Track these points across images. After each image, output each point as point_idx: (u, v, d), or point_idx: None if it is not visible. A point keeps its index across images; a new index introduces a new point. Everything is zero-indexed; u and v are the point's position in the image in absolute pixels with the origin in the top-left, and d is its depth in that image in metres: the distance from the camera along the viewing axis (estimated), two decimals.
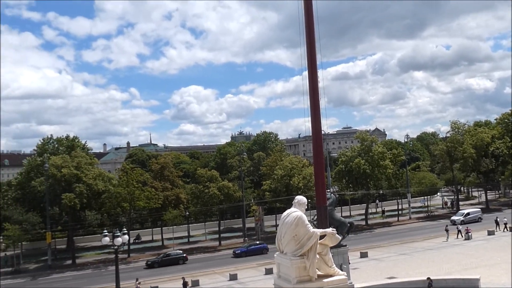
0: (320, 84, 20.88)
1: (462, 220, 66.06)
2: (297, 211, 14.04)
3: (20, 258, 57.58)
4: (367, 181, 72.65)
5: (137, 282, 38.66)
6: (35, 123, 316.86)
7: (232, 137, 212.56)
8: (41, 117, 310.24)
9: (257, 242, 59.50)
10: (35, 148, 73.00)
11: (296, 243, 13.70)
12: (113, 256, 46.99)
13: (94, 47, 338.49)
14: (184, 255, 55.87)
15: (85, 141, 76.30)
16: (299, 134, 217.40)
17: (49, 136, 73.66)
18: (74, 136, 74.26)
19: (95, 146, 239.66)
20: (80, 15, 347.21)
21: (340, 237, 15.26)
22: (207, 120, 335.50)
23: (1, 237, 60.38)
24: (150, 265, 53.56)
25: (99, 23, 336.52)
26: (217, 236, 69.10)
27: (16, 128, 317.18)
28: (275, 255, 15.24)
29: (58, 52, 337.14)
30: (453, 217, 69.43)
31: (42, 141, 72.28)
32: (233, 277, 42.43)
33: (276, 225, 71.63)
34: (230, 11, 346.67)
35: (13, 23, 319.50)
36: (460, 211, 73.16)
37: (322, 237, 14.21)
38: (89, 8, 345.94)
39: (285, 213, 14.31)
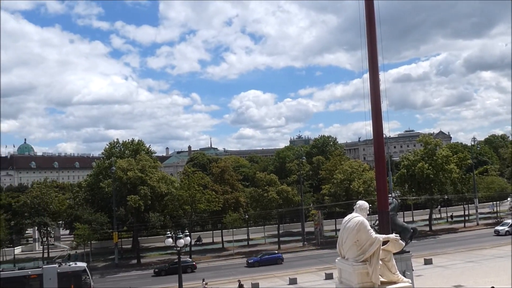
0: (382, 87, 20.60)
1: (507, 231, 62.06)
2: (358, 216, 13.92)
3: (89, 256, 60.29)
4: (430, 185, 70.34)
5: (204, 282, 39.49)
6: (103, 127, 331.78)
7: (290, 141, 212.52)
8: (108, 122, 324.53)
9: (275, 252, 58.28)
10: (103, 151, 76.38)
11: (358, 249, 13.59)
12: (175, 257, 48.36)
13: (158, 54, 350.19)
14: (193, 263, 54.84)
15: (149, 145, 79.06)
16: (359, 138, 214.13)
17: (116, 140, 76.94)
18: (139, 140, 77.08)
19: (158, 150, 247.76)
20: (146, 23, 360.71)
21: (403, 243, 14.99)
22: (266, 124, 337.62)
23: (72, 235, 63.69)
24: (157, 273, 53.20)
25: (163, 31, 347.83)
26: (276, 239, 69.25)
27: (85, 132, 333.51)
28: (336, 260, 15.17)
29: (125, 59, 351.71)
30: (497, 227, 65.13)
31: (109, 144, 75.57)
32: (293, 281, 42.43)
33: (336, 230, 70.84)
34: (289, 16, 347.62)
35: (84, 32, 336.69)
36: (506, 221, 68.19)
37: (385, 243, 14.01)
38: (153, 16, 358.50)
39: (346, 218, 14.23)
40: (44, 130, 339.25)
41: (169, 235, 30.86)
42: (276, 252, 58.12)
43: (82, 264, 42.51)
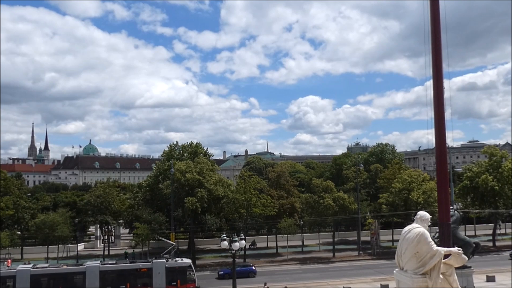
0: (446, 95, 19.95)
1: None
2: (419, 227, 13.54)
3: (147, 256, 61.98)
4: (495, 199, 67.16)
5: (265, 286, 39.68)
6: (163, 130, 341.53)
7: (348, 148, 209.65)
8: (168, 125, 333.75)
9: (249, 264, 56.37)
10: (163, 153, 78.46)
11: (418, 261, 13.21)
12: (229, 259, 48.85)
13: (218, 59, 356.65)
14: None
15: (207, 148, 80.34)
16: (419, 147, 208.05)
17: (175, 143, 78.81)
18: (197, 143, 78.53)
19: (215, 153, 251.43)
20: (207, 29, 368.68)
21: (466, 258, 14.42)
22: (323, 130, 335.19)
23: (132, 234, 65.82)
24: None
25: (224, 36, 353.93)
26: (331, 247, 68.40)
27: (147, 135, 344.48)
28: (394, 271, 14.82)
29: (186, 64, 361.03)
30: None
31: (169, 147, 77.51)
32: None
33: (393, 240, 69.11)
34: (350, 22, 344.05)
35: (149, 38, 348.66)
36: None
37: (446, 256, 13.54)
38: (215, 22, 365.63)
39: (406, 229, 13.88)
40: (108, 132, 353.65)
41: (225, 238, 31.21)
42: (251, 264, 56.32)
43: (187, 261, 44.63)
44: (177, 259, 44.88)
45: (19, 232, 68.99)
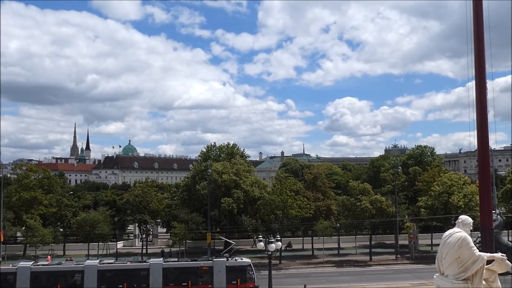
0: (488, 96, 19.42)
1: None
2: (461, 232, 13.23)
3: (184, 255, 62.82)
4: None
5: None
6: (200, 131, 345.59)
7: (386, 150, 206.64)
8: (205, 126, 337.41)
9: None
10: (200, 154, 79.36)
11: (459, 266, 12.92)
12: (265, 261, 48.89)
13: (255, 61, 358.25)
14: None
15: (243, 149, 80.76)
16: (460, 149, 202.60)
17: (212, 144, 79.61)
18: (233, 144, 79.10)
19: (252, 154, 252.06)
20: (244, 31, 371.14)
21: (510, 264, 14.00)
22: (360, 132, 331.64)
23: (169, 234, 66.82)
24: None
25: (261, 38, 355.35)
26: (367, 250, 67.52)
27: (184, 135, 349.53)
28: (434, 276, 14.53)
29: (224, 66, 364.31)
30: None
31: (206, 148, 78.35)
32: None
33: (432, 245, 67.62)
34: (389, 22, 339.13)
35: (187, 40, 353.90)
36: None
37: (489, 262, 13.19)
38: (252, 24, 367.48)
39: (447, 233, 13.58)
40: (146, 133, 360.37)
41: (261, 239, 31.31)
42: None
43: (247, 260, 45.07)
44: (236, 258, 45.23)
45: (61, 229, 71.23)
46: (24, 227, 64.17)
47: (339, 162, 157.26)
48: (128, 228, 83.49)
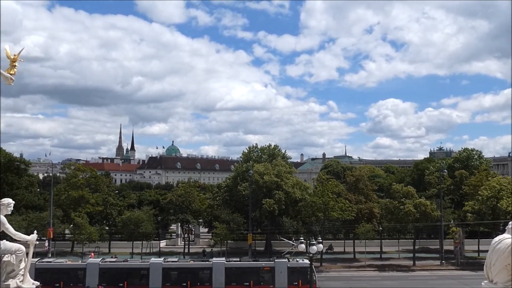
0: None
1: None
2: (510, 238, 12.84)
3: (225, 255, 63.39)
4: None
5: None
6: (242, 132, 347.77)
7: (430, 153, 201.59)
8: (247, 127, 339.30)
9: None
10: (242, 155, 79.89)
11: (509, 273, 12.54)
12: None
13: (297, 62, 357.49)
14: None
15: (285, 151, 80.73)
16: (509, 153, 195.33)
17: (254, 145, 79.98)
18: (275, 145, 79.16)
19: (293, 156, 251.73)
20: (287, 32, 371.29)
21: None
22: (404, 134, 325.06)
23: (211, 234, 67.62)
24: None
25: (303, 39, 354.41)
26: (411, 255, 66.07)
27: (226, 137, 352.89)
28: (482, 283, 14.13)
29: (265, 68, 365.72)
30: None
31: (247, 149, 78.81)
32: None
33: (479, 251, 65.49)
34: (434, 22, 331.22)
35: (230, 42, 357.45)
36: None
37: None
38: (294, 25, 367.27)
39: (496, 239, 13.19)
40: (189, 134, 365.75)
41: (302, 240, 31.25)
42: None
43: (308, 261, 45.24)
44: (297, 259, 45.29)
45: (107, 227, 73.17)
46: (72, 225, 66.37)
47: (381, 165, 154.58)
48: (171, 227, 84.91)
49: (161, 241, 74.29)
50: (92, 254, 59.23)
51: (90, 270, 42.84)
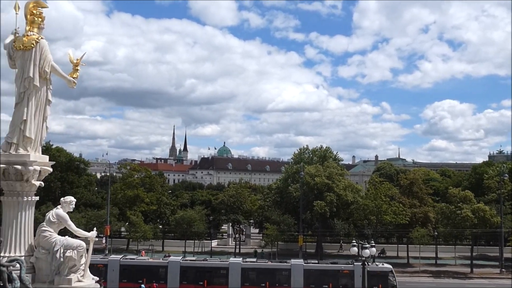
0: None
1: None
2: None
3: (276, 256, 63.47)
4: None
5: None
6: (293, 133, 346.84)
7: (489, 156, 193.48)
8: (298, 129, 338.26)
9: None
10: (292, 156, 79.81)
11: None
12: None
13: (350, 63, 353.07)
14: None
15: (336, 152, 79.93)
16: None
17: (305, 146, 79.69)
18: (326, 147, 78.57)
19: (344, 157, 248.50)
20: (339, 33, 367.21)
21: None
22: (461, 136, 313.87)
23: (261, 234, 67.90)
24: None
25: (356, 40, 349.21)
26: (468, 262, 63.68)
27: (277, 138, 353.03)
28: None
29: (317, 69, 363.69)
30: None
31: (298, 150, 78.60)
32: None
33: None
34: (495, 20, 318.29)
35: (281, 44, 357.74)
36: None
37: None
38: (347, 26, 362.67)
39: None
40: (240, 135, 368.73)
41: (355, 243, 30.78)
42: None
43: (388, 266, 45.34)
44: (377, 263, 44.95)
45: (160, 226, 74.96)
46: (127, 223, 68.51)
47: (437, 168, 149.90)
48: (222, 227, 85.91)
49: (212, 241, 75.28)
50: (143, 252, 60.76)
51: (171, 268, 43.96)
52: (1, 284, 8.83)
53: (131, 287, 43.36)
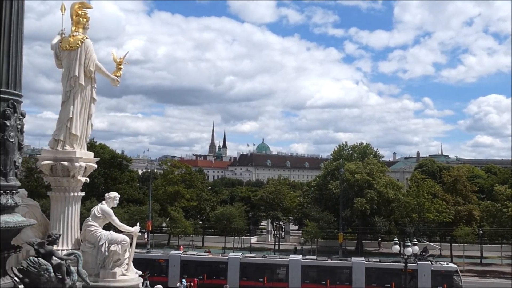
0: None
1: None
2: None
3: (315, 253, 63.14)
4: None
5: None
6: (332, 130, 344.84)
7: None
8: (337, 125, 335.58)
9: None
10: (332, 153, 79.09)
11: None
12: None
13: (390, 58, 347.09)
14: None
15: (376, 149, 78.68)
16: None
17: (344, 143, 78.83)
18: (367, 144, 77.49)
19: (385, 154, 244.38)
20: (379, 28, 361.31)
21: None
22: (507, 132, 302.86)
23: (301, 231, 67.73)
24: None
25: (396, 34, 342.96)
26: None
27: (316, 134, 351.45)
28: None
29: (357, 65, 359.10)
30: None
31: (338, 147, 77.82)
32: None
33: None
34: None
35: (320, 40, 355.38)
36: None
37: None
38: (388, 21, 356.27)
39: None
40: (279, 132, 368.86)
41: (396, 242, 30.30)
42: None
43: (453, 265, 44.60)
44: (441, 262, 44.27)
45: (200, 222, 75.87)
46: (168, 218, 69.64)
47: (482, 165, 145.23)
48: (261, 224, 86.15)
49: (252, 237, 75.62)
50: (182, 247, 61.62)
51: (232, 265, 44.16)
52: (60, 276, 9.15)
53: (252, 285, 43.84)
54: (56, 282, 9.13)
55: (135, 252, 14.66)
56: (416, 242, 30.84)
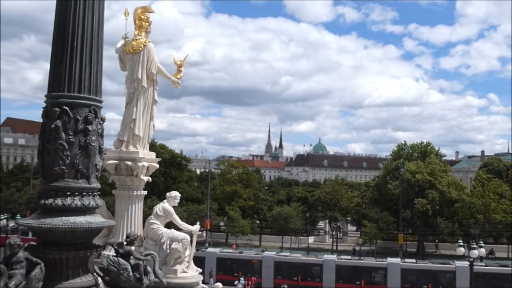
0: None
1: None
2: None
3: (374, 254, 61.91)
4: None
5: None
6: (391, 129, 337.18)
7: None
8: (396, 124, 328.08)
9: None
10: (391, 153, 77.33)
11: None
12: None
13: (452, 54, 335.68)
14: None
15: (438, 148, 76.21)
16: None
17: (404, 142, 76.85)
18: (427, 143, 75.17)
19: (447, 153, 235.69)
20: (440, 23, 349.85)
21: None
22: None
23: (359, 232, 66.62)
24: None
25: (459, 29, 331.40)
26: None
27: (374, 134, 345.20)
28: None
29: (417, 61, 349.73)
30: None
31: (397, 146, 75.98)
32: None
33: None
34: None
35: (378, 37, 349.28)
36: None
37: None
38: (449, 15, 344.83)
39: None
40: (336, 131, 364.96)
41: (461, 244, 29.14)
42: None
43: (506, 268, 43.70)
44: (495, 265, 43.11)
45: (258, 221, 76.28)
46: (226, 218, 70.54)
47: None
48: (319, 224, 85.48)
49: (309, 237, 75.17)
50: (234, 246, 62.07)
51: (327, 267, 43.95)
52: (138, 276, 9.52)
53: (285, 283, 43.59)
54: (134, 281, 9.46)
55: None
56: (482, 244, 29.56)
